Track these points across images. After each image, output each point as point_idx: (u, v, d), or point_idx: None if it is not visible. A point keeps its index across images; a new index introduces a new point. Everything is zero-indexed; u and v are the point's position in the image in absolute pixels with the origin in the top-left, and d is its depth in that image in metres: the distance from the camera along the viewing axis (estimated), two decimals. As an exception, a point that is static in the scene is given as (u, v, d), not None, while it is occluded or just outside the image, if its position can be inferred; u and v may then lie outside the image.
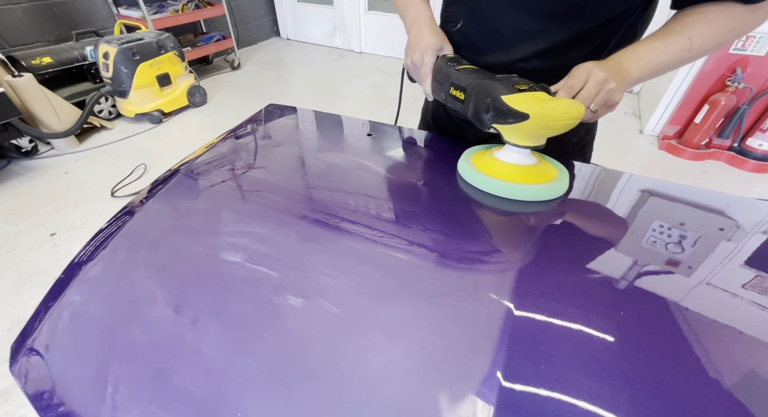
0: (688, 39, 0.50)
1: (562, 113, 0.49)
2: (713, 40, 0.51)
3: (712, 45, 0.52)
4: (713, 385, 0.32)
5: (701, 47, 0.51)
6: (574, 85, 0.52)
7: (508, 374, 0.34)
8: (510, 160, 0.57)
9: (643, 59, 0.52)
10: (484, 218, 0.54)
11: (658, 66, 0.52)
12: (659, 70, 0.53)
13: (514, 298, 0.41)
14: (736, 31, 0.51)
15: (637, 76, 0.52)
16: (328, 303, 0.41)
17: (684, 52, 0.51)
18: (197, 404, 0.34)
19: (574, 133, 0.69)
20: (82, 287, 0.47)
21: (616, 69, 0.51)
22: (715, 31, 0.50)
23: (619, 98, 0.52)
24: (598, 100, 0.51)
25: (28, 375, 0.39)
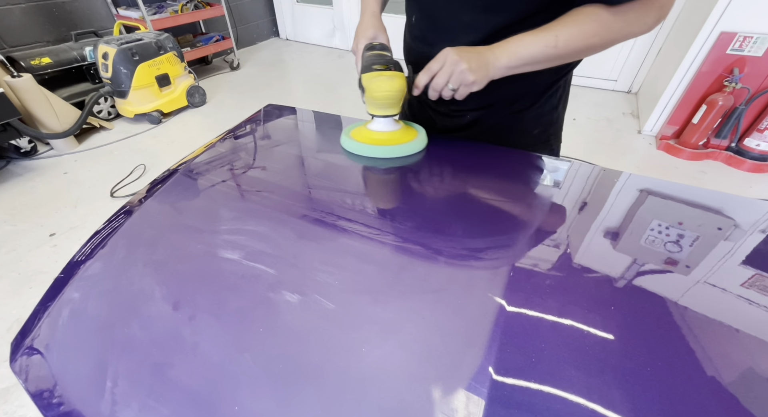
0: (555, 37, 0.54)
1: (378, 87, 0.61)
2: (579, 41, 0.54)
3: (579, 46, 0.55)
4: (707, 381, 0.33)
5: (566, 46, 0.54)
6: (432, 67, 0.59)
7: (500, 368, 0.34)
8: (376, 129, 0.69)
9: (511, 49, 0.56)
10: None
11: (525, 57, 0.56)
12: (528, 61, 0.57)
13: (507, 293, 0.41)
14: (602, 35, 0.53)
15: (505, 63, 0.57)
16: (323, 299, 0.41)
17: (550, 49, 0.55)
18: (195, 398, 0.34)
19: (535, 125, 0.73)
20: (81, 285, 0.47)
21: (479, 53, 0.57)
22: (581, 32, 0.54)
23: (474, 78, 0.57)
24: (453, 80, 0.58)
25: (29, 372, 0.39)
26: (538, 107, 0.72)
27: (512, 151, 0.71)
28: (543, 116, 0.73)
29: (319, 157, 0.73)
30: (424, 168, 0.69)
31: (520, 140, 0.74)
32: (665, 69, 2.47)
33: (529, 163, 0.68)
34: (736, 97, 2.06)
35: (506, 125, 0.74)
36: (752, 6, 1.93)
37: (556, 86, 0.70)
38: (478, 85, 0.58)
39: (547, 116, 0.74)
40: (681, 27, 2.51)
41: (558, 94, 0.72)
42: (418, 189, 0.62)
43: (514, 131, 0.73)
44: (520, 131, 0.73)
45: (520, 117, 0.72)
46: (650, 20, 0.52)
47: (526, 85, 0.68)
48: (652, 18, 0.51)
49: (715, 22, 2.01)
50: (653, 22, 0.52)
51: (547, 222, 0.53)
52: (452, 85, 0.58)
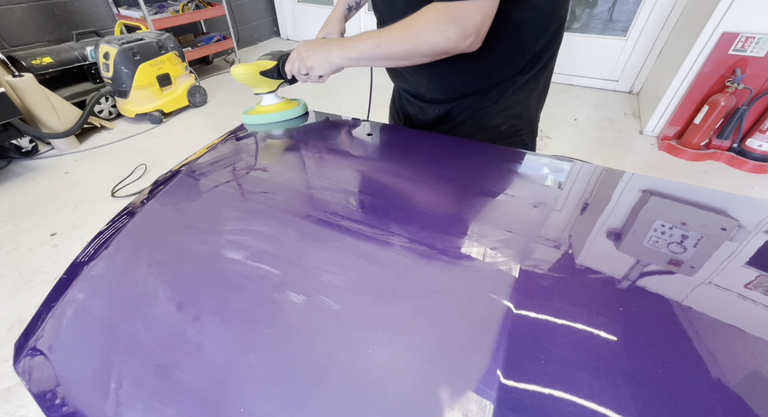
0: (379, 38, 0.61)
1: (233, 72, 0.79)
2: (394, 44, 0.60)
3: (395, 49, 0.60)
4: (714, 382, 0.32)
5: (387, 47, 0.60)
6: (291, 57, 0.73)
7: (508, 370, 0.34)
8: (264, 103, 0.86)
9: (351, 43, 0.65)
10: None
11: (358, 51, 0.64)
12: (361, 56, 0.64)
13: (514, 294, 0.41)
14: (413, 43, 0.58)
15: (345, 54, 0.65)
16: (328, 299, 0.41)
17: (375, 48, 0.61)
18: (200, 399, 0.34)
19: (503, 119, 0.77)
20: (84, 286, 0.47)
21: (321, 43, 0.68)
22: (396, 37, 0.59)
23: (311, 63, 0.68)
24: (300, 66, 0.71)
25: (32, 373, 0.39)
26: (502, 104, 0.75)
27: (515, 152, 0.71)
28: (509, 109, 0.76)
29: (321, 157, 0.73)
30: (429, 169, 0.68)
31: (490, 135, 0.79)
32: (667, 69, 2.46)
33: (531, 163, 0.68)
34: (738, 97, 2.05)
35: (474, 121, 0.78)
36: (755, 6, 1.92)
37: (519, 83, 0.72)
38: (319, 69, 0.69)
39: (514, 109, 0.76)
40: (683, 27, 2.50)
41: (525, 91, 0.74)
42: (423, 190, 0.62)
43: (483, 127, 0.78)
44: (488, 127, 0.78)
45: (485, 112, 0.76)
46: (453, 34, 0.55)
47: (482, 80, 0.72)
48: (454, 32, 0.54)
49: (717, 22, 2.01)
50: (458, 37, 0.55)
51: (552, 222, 0.53)
52: (301, 70, 0.71)
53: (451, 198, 0.59)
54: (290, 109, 0.86)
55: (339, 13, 0.88)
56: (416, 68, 0.72)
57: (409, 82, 0.80)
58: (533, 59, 0.69)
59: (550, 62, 0.73)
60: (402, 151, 0.74)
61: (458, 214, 0.54)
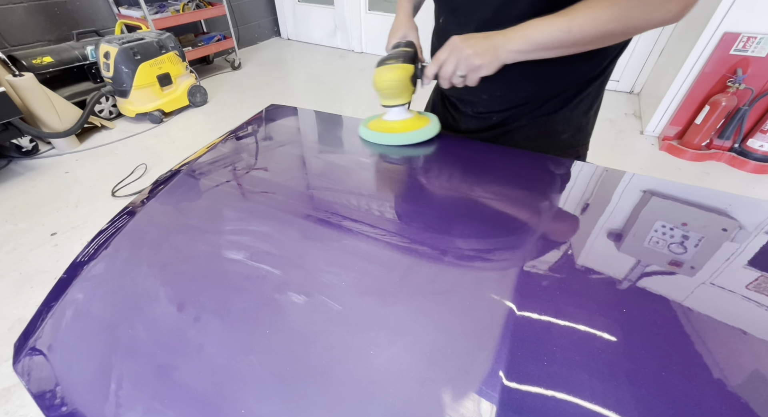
0: (569, 22, 0.53)
1: (380, 78, 0.66)
2: (594, 27, 0.52)
3: (594, 32, 0.53)
4: (716, 384, 0.32)
5: (580, 31, 0.53)
6: (439, 57, 0.61)
7: (511, 372, 0.34)
8: (389, 118, 0.73)
9: (523, 32, 0.56)
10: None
11: (536, 41, 0.55)
12: (540, 46, 0.56)
13: (517, 295, 0.41)
14: (620, 22, 0.51)
15: (516, 47, 0.56)
16: (330, 300, 0.41)
17: (563, 34, 0.53)
18: (200, 401, 0.34)
19: (564, 129, 0.72)
20: (84, 286, 0.47)
21: (485, 38, 0.58)
22: (596, 18, 0.52)
23: (480, 62, 0.57)
24: (461, 67, 0.59)
25: (32, 373, 0.39)
26: (567, 111, 0.70)
27: (516, 152, 0.71)
28: (572, 121, 0.71)
29: (322, 157, 0.73)
30: (431, 168, 0.68)
31: (547, 143, 0.72)
32: (668, 69, 2.46)
33: (532, 163, 0.68)
34: (740, 97, 2.05)
35: (533, 127, 0.72)
36: (756, 6, 1.92)
37: (587, 91, 0.68)
38: (486, 69, 0.58)
39: (576, 121, 0.72)
40: (684, 27, 2.50)
41: (589, 100, 0.70)
42: (424, 189, 0.62)
43: (542, 133, 0.72)
44: (546, 135, 0.72)
45: (548, 119, 0.70)
46: (674, 6, 0.48)
47: (554, 87, 0.67)
48: (676, 4, 0.48)
49: (719, 22, 2.01)
50: (679, 9, 0.49)
51: (552, 223, 0.52)
52: (460, 71, 0.59)
53: (452, 198, 0.59)
54: (426, 127, 0.71)
55: (407, 10, 0.78)
56: None
57: (471, 90, 0.69)
58: (606, 68, 0.67)
59: (610, 74, 0.69)
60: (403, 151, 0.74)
61: (459, 215, 0.54)
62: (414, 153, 0.70)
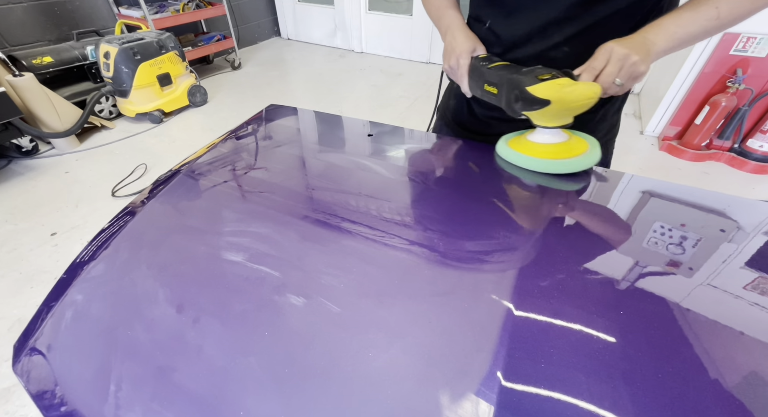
0: (716, 8, 0.50)
1: (579, 96, 0.56)
2: (742, 6, 0.50)
3: (742, 12, 0.51)
4: (713, 385, 0.32)
5: (729, 15, 0.51)
6: (596, 66, 0.56)
7: (509, 373, 0.34)
8: (542, 140, 0.64)
9: (669, 30, 0.53)
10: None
11: (685, 36, 0.53)
12: (687, 40, 0.54)
13: (515, 297, 0.41)
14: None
15: (664, 47, 0.54)
16: (329, 302, 0.41)
17: (712, 22, 0.51)
18: (199, 402, 0.34)
19: (599, 127, 0.71)
20: (84, 287, 0.47)
21: (640, 42, 0.53)
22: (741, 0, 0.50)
23: (645, 69, 0.54)
24: (623, 75, 0.54)
25: (31, 374, 0.39)
26: (605, 110, 0.69)
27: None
28: (607, 119, 0.71)
29: (322, 158, 0.73)
30: (429, 169, 0.68)
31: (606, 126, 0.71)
32: (668, 70, 2.46)
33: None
34: (740, 98, 2.05)
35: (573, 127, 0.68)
36: (755, 6, 1.92)
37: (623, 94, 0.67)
38: (645, 73, 0.55)
39: (610, 120, 0.72)
40: (683, 27, 2.50)
41: (621, 98, 0.70)
42: (423, 191, 0.62)
43: (602, 118, 0.70)
44: (606, 119, 0.70)
45: (585, 118, 0.66)
46: None
47: None
48: None
49: (718, 22, 2.00)
50: None
51: (552, 224, 0.52)
52: (620, 80, 0.55)
53: (451, 200, 0.59)
54: (586, 154, 0.62)
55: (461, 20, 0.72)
56: None
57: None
58: None
59: None
60: (403, 152, 0.74)
61: (458, 217, 0.54)
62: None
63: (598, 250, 0.48)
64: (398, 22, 3.79)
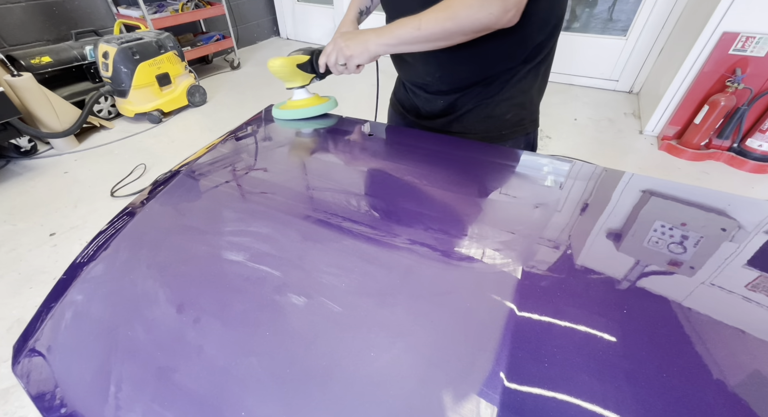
0: (419, 20, 0.62)
1: (271, 64, 0.80)
2: (436, 25, 0.61)
3: (437, 29, 0.61)
4: (716, 384, 0.32)
5: (427, 29, 0.62)
6: (326, 49, 0.75)
7: (511, 373, 0.34)
8: (295, 98, 0.87)
9: (389, 29, 0.66)
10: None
11: (397, 36, 0.65)
12: (401, 41, 0.65)
13: (517, 296, 0.41)
14: (455, 21, 0.59)
15: (384, 41, 0.67)
16: (330, 302, 0.41)
17: (415, 30, 0.63)
18: (200, 403, 0.34)
19: (507, 110, 0.80)
20: (84, 287, 0.47)
21: (359, 33, 0.70)
22: (437, 18, 0.61)
23: (350, 52, 0.70)
24: (339, 57, 0.72)
25: (31, 375, 0.39)
26: (506, 93, 0.77)
27: (515, 152, 0.71)
28: (513, 98, 0.78)
29: (321, 158, 0.73)
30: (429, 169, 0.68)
31: (494, 124, 0.81)
32: (667, 69, 2.46)
33: (530, 164, 0.68)
34: (739, 97, 2.05)
35: (480, 110, 0.80)
36: (755, 6, 1.92)
37: (522, 73, 0.75)
38: (358, 58, 0.70)
39: (518, 99, 0.79)
40: (683, 27, 2.50)
41: (528, 81, 0.77)
42: (424, 191, 0.62)
43: (489, 116, 0.81)
44: (493, 116, 0.80)
45: (491, 101, 0.78)
46: (495, 9, 0.57)
47: (487, 69, 0.75)
48: (496, 7, 0.57)
49: (718, 22, 2.01)
50: (499, 11, 0.57)
51: (553, 223, 0.52)
52: (340, 61, 0.72)
53: (453, 199, 0.59)
54: (321, 104, 0.87)
55: (351, 16, 0.91)
56: (425, 57, 0.74)
57: (417, 73, 0.83)
58: (534, 51, 0.73)
59: (549, 55, 0.77)
60: (403, 152, 0.74)
61: (460, 216, 0.54)
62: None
63: (600, 250, 0.48)
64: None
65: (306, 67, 0.80)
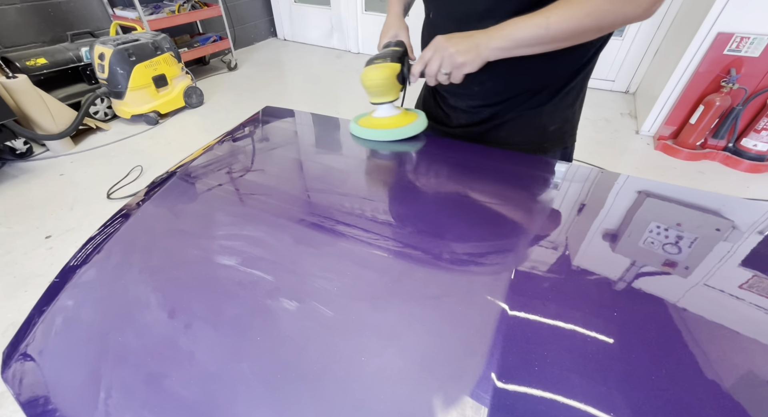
0: (546, 18, 0.55)
1: (363, 78, 0.69)
2: (570, 22, 0.54)
3: (570, 27, 0.55)
4: (709, 385, 0.32)
5: (558, 27, 0.55)
6: (424, 56, 0.64)
7: (502, 376, 0.34)
8: (378, 115, 0.75)
9: (505, 31, 0.58)
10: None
11: (518, 38, 0.58)
12: (520, 43, 0.58)
13: (508, 299, 0.40)
14: (594, 16, 0.54)
15: (498, 45, 0.59)
16: (322, 306, 0.41)
17: (541, 30, 0.56)
18: (191, 409, 0.33)
19: (551, 121, 0.75)
20: (75, 292, 0.46)
21: (468, 37, 0.60)
22: (572, 14, 0.54)
23: (462, 60, 0.60)
24: (445, 64, 0.61)
25: (21, 382, 0.38)
26: (554, 104, 0.72)
27: (510, 153, 0.71)
28: (559, 112, 0.74)
29: (317, 161, 0.72)
30: (424, 172, 0.68)
31: (535, 135, 0.76)
32: (663, 69, 2.47)
33: (527, 165, 0.68)
34: (734, 97, 2.06)
35: (522, 120, 0.75)
36: (749, 7, 1.93)
37: (572, 84, 0.71)
38: (469, 66, 0.60)
39: (563, 113, 0.75)
40: (678, 27, 2.51)
41: (574, 93, 0.73)
42: (417, 193, 0.62)
43: (531, 126, 0.75)
44: (536, 126, 0.75)
45: (536, 112, 0.73)
46: (644, 2, 0.51)
47: (542, 80, 0.70)
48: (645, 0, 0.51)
49: (712, 22, 2.02)
50: (648, 5, 0.51)
51: (547, 225, 0.52)
52: (444, 69, 0.62)
53: (445, 202, 0.58)
54: (413, 123, 0.73)
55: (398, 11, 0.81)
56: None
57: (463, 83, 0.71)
58: (588, 61, 0.69)
59: (593, 68, 0.72)
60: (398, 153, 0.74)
61: (452, 218, 0.54)
62: (404, 149, 0.72)
63: (594, 251, 0.48)
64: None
65: (399, 76, 0.69)
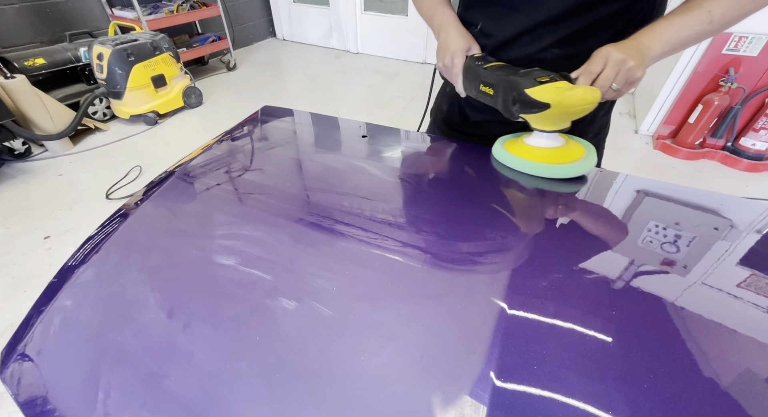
0: (708, 12, 0.50)
1: (579, 100, 0.54)
2: (735, 10, 0.50)
3: (735, 16, 0.51)
4: (707, 383, 0.32)
5: (723, 19, 0.51)
6: (593, 70, 0.55)
7: (501, 374, 0.34)
8: (539, 144, 0.63)
9: (663, 35, 0.53)
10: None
11: (679, 40, 0.53)
12: (681, 44, 0.54)
13: (507, 298, 0.41)
14: (757, 1, 0.50)
15: (658, 52, 0.54)
16: (321, 305, 0.41)
17: (705, 25, 0.51)
18: (190, 409, 0.33)
19: (589, 128, 0.72)
20: (74, 292, 0.46)
21: (636, 47, 0.53)
22: (737, 2, 0.50)
23: (641, 75, 0.54)
24: (619, 80, 0.54)
25: (20, 382, 0.38)
26: (592, 112, 0.70)
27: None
28: (596, 121, 0.71)
29: (316, 160, 0.72)
30: (423, 171, 0.68)
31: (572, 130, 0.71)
32: (661, 69, 2.47)
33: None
34: (732, 96, 2.07)
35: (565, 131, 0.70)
36: (747, 6, 1.93)
37: None
38: (641, 78, 0.54)
39: (600, 121, 0.72)
40: (677, 27, 2.51)
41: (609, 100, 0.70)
42: (416, 192, 0.62)
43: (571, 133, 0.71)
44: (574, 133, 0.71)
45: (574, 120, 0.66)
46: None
47: None
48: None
49: (711, 22, 2.02)
50: None
51: (546, 224, 0.52)
52: (617, 85, 0.54)
53: (445, 202, 0.58)
54: (583, 159, 0.61)
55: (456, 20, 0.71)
56: None
57: None
58: None
59: None
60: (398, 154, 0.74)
61: (451, 218, 0.54)
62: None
63: (592, 250, 0.48)
64: (393, 22, 3.79)
65: None
